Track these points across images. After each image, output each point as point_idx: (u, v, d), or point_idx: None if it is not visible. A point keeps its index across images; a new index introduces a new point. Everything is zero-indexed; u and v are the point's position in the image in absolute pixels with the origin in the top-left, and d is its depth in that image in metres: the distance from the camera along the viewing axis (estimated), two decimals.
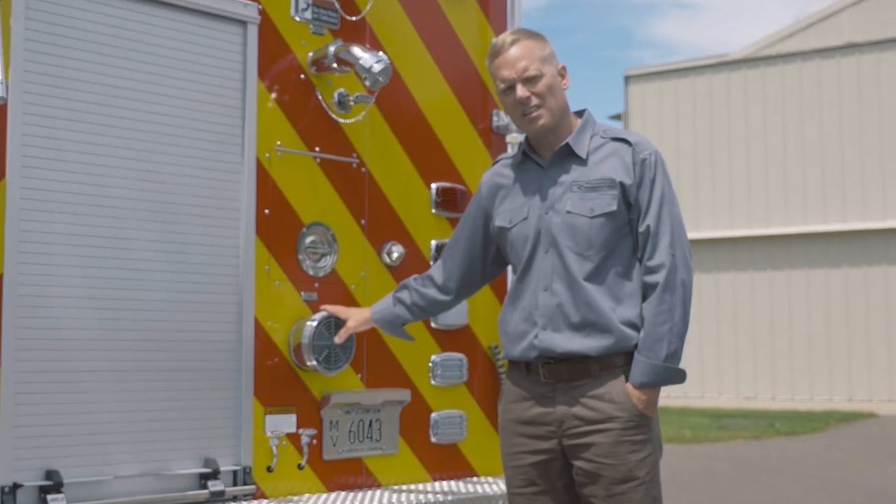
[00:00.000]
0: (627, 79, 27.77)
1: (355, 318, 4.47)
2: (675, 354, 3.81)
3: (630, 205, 3.89)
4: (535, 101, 3.95)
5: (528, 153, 4.07)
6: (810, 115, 25.20)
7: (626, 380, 3.82)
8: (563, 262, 3.87)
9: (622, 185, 3.88)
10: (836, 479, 12.57)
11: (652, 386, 3.80)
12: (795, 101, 25.37)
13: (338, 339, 4.54)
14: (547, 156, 4.02)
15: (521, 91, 3.95)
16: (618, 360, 3.84)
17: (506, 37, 4.05)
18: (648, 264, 3.84)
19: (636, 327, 3.83)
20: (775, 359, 25.24)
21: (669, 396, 25.01)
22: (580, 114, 4.09)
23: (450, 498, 4.71)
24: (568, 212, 3.89)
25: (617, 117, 29.72)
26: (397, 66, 4.94)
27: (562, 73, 4.04)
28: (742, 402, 24.68)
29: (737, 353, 25.63)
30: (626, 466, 3.79)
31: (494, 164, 4.28)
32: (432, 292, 4.28)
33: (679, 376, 3.84)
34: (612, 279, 3.86)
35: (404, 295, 4.33)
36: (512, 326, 3.98)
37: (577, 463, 3.85)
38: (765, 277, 25.52)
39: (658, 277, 3.82)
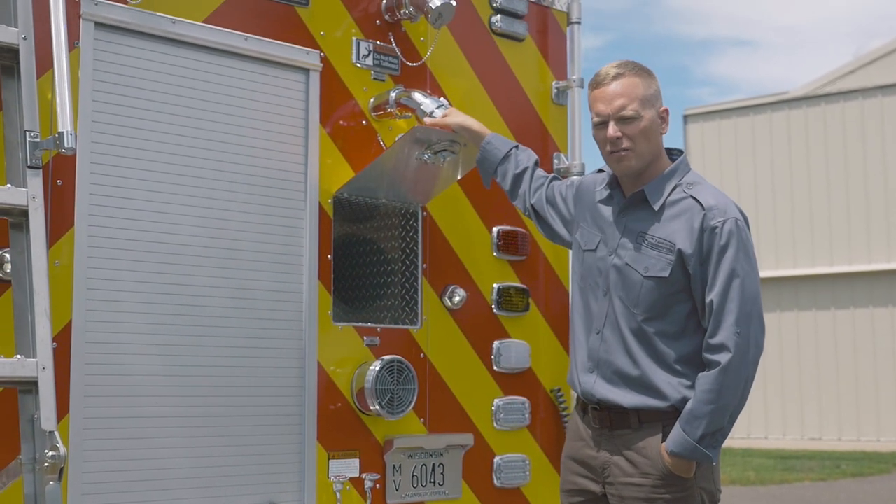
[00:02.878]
0: (686, 118, 27.66)
1: (468, 123, 4.49)
2: (713, 436, 3.70)
3: (689, 273, 3.76)
4: (626, 143, 3.84)
5: (612, 185, 4.02)
6: (872, 153, 24.94)
7: (663, 439, 3.78)
8: (614, 311, 3.85)
9: (681, 252, 3.75)
10: None
11: (681, 458, 3.73)
12: (857, 139, 25.12)
13: (428, 121, 4.51)
14: (627, 194, 3.96)
15: (612, 130, 3.85)
16: (658, 416, 3.79)
17: (610, 68, 3.92)
18: (710, 342, 3.72)
19: (679, 391, 3.77)
20: (841, 399, 24.86)
21: (733, 438, 24.66)
22: (679, 153, 3.99)
23: None
24: (626, 263, 3.84)
25: None
26: (458, 109, 4.95)
27: (663, 116, 3.90)
28: (807, 444, 24.31)
29: (801, 393, 25.28)
30: None
31: (598, 171, 4.21)
32: (525, 185, 4.37)
33: (706, 459, 3.73)
34: (660, 340, 3.79)
35: (522, 159, 4.39)
36: (576, 362, 3.99)
37: None
38: (829, 316, 25.20)
39: (718, 358, 3.68)
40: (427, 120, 4.51)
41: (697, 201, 3.79)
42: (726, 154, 26.62)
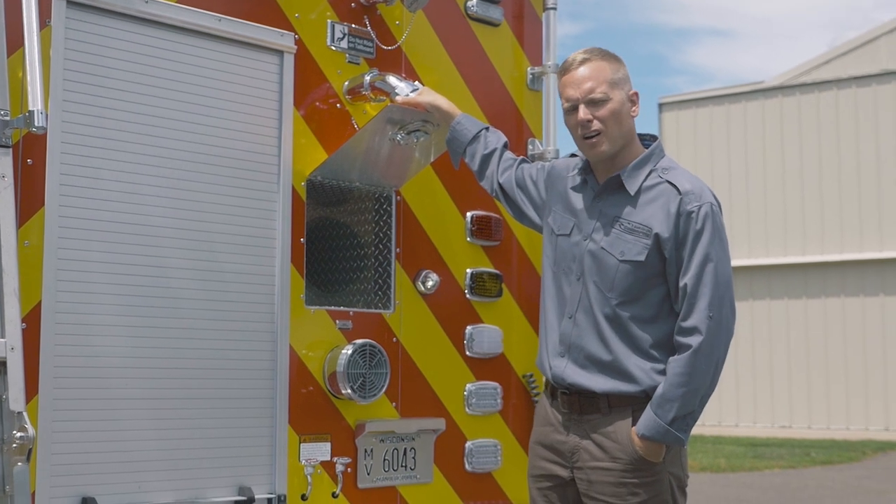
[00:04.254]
0: (661, 106, 27.72)
1: (439, 102, 4.48)
2: (684, 419, 3.72)
3: (665, 257, 3.77)
4: (596, 125, 3.87)
5: (585, 171, 4.03)
6: (846, 143, 25.06)
7: (633, 424, 3.79)
8: (588, 295, 3.85)
9: (658, 236, 3.76)
10: None
11: (652, 441, 3.74)
12: (831, 129, 25.24)
13: (400, 98, 4.50)
14: (601, 180, 3.96)
15: (582, 113, 3.87)
16: (628, 401, 3.80)
17: (578, 54, 3.95)
18: (683, 325, 3.73)
19: (650, 377, 3.77)
20: (811, 387, 25.03)
21: (704, 425, 24.81)
22: (652, 138, 4.00)
23: None
24: (602, 248, 3.85)
25: None
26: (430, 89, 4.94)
27: (633, 98, 3.92)
28: (777, 431, 24.47)
29: (772, 381, 25.43)
30: None
31: (571, 155, 4.21)
32: (493, 166, 4.37)
33: (678, 442, 3.75)
34: (633, 324, 3.80)
35: (491, 140, 4.39)
36: (546, 346, 3.99)
37: (584, 497, 3.88)
38: (800, 305, 25.34)
39: (690, 341, 3.70)
40: (399, 99, 4.50)
41: (674, 186, 3.81)
42: (701, 143, 26.71)
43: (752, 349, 25.50)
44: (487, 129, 4.44)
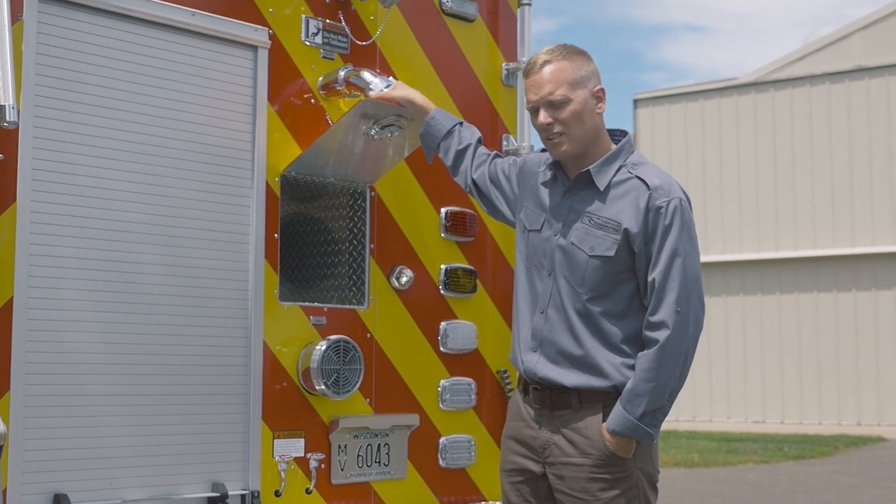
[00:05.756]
0: (636, 102, 27.79)
1: (413, 96, 4.49)
2: (654, 414, 3.72)
3: (634, 252, 3.78)
4: (557, 127, 3.87)
5: (555, 167, 4.04)
6: (820, 139, 25.19)
7: (604, 419, 3.81)
8: (559, 291, 3.87)
9: (627, 231, 3.77)
10: (844, 503, 12.50)
11: (622, 436, 3.75)
12: (805, 125, 25.37)
13: (374, 93, 4.50)
14: (571, 175, 3.97)
15: (542, 116, 3.89)
16: (599, 396, 3.80)
17: (540, 55, 3.94)
18: (650, 319, 3.74)
19: (621, 372, 3.78)
20: (784, 383, 25.16)
21: (678, 420, 24.92)
22: (623, 134, 4.00)
23: None
24: (572, 243, 3.86)
25: None
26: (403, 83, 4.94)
27: (598, 95, 3.89)
28: (751, 426, 24.58)
29: (746, 376, 25.54)
30: (597, 503, 3.78)
31: (542, 150, 4.19)
32: (467, 161, 4.36)
33: (647, 437, 3.76)
34: (604, 320, 3.81)
35: (465, 135, 4.39)
36: (519, 341, 4.00)
37: (555, 492, 3.89)
38: (773, 301, 25.47)
39: (658, 336, 3.71)
40: (372, 93, 4.49)
41: (643, 181, 3.81)
42: (675, 139, 26.80)
43: (726, 345, 25.62)
44: (461, 123, 4.44)
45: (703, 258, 25.40)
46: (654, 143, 26.96)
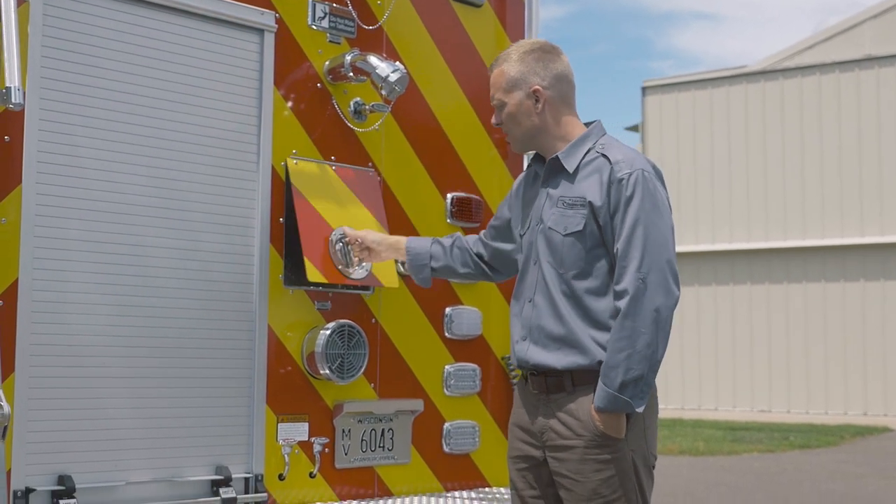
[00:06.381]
0: (645, 90, 27.73)
1: (384, 242, 4.48)
2: (635, 384, 3.70)
3: (600, 226, 3.82)
4: (504, 128, 4.04)
5: (532, 162, 4.10)
6: (829, 128, 25.13)
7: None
8: (543, 277, 3.90)
9: (591, 205, 3.82)
10: (850, 493, 12.50)
11: (607, 412, 3.75)
12: (814, 114, 25.30)
13: (356, 258, 4.53)
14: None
15: (493, 118, 4.07)
16: (590, 377, 3.80)
17: (498, 56, 4.09)
18: (616, 288, 3.76)
19: (605, 349, 3.79)
20: (790, 372, 25.15)
21: (684, 409, 24.95)
22: (590, 125, 4.05)
23: None
24: (549, 227, 3.90)
25: (634, 128, 29.70)
26: (413, 75, 4.94)
27: (536, 94, 3.94)
28: (756, 416, 24.58)
29: (752, 365, 25.54)
30: (591, 484, 3.78)
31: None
32: (482, 265, 4.36)
33: (628, 408, 3.73)
34: (587, 298, 3.83)
35: (445, 242, 4.38)
36: (512, 334, 4.05)
37: (554, 475, 3.89)
38: (781, 290, 25.44)
39: (621, 304, 3.71)
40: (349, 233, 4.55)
41: (606, 157, 3.88)
42: (683, 127, 26.74)
43: (733, 333, 25.61)
44: (436, 240, 4.45)
45: (711, 247, 25.50)
46: (662, 130, 26.91)
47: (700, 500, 11.90)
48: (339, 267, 4.59)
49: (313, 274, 4.49)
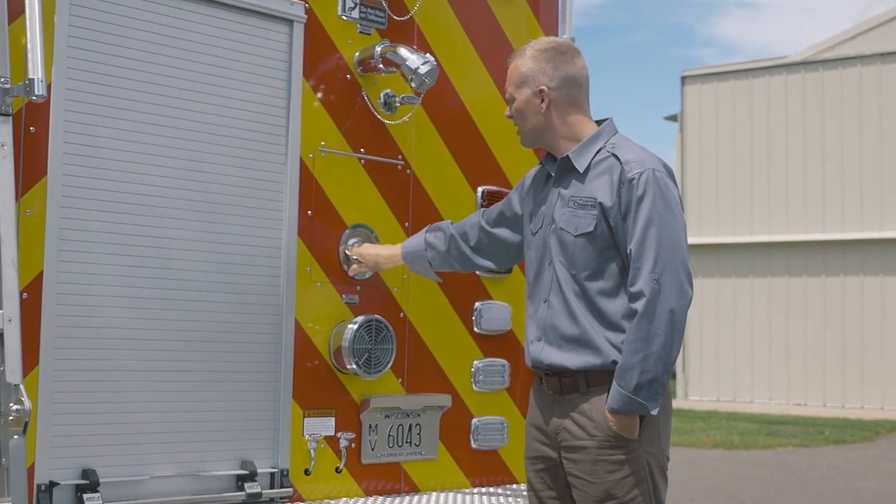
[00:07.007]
0: (684, 79, 27.49)
1: (381, 256, 4.50)
2: (650, 386, 3.67)
3: (611, 226, 3.79)
4: (514, 122, 4.05)
5: (545, 161, 4.09)
6: (869, 120, 24.84)
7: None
8: (557, 277, 3.88)
9: (601, 205, 3.79)
10: (883, 491, 12.36)
11: (621, 413, 3.71)
12: (854, 106, 25.01)
13: (350, 271, 4.56)
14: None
15: (506, 111, 4.08)
16: (604, 378, 3.77)
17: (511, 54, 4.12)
18: (630, 290, 3.73)
19: (620, 348, 3.75)
20: (827, 365, 24.91)
21: (719, 401, 24.77)
22: (602, 123, 4.01)
23: None
24: (561, 228, 3.87)
25: (673, 118, 29.49)
26: (445, 66, 4.89)
27: (541, 93, 3.93)
28: (792, 409, 24.37)
29: (788, 358, 25.33)
30: (604, 485, 3.76)
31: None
32: (467, 252, 4.35)
33: (643, 410, 3.70)
34: (599, 299, 3.80)
35: (437, 241, 4.38)
36: (528, 335, 4.03)
37: (568, 476, 3.87)
38: (818, 283, 25.20)
39: (637, 305, 3.68)
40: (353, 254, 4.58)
41: (616, 157, 3.84)
42: (723, 117, 26.50)
43: (770, 325, 25.41)
44: (427, 230, 4.46)
45: (749, 238, 25.31)
46: (701, 120, 26.70)
47: (732, 495, 11.80)
48: (345, 267, 4.59)
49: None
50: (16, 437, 3.25)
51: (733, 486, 12.46)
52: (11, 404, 3.26)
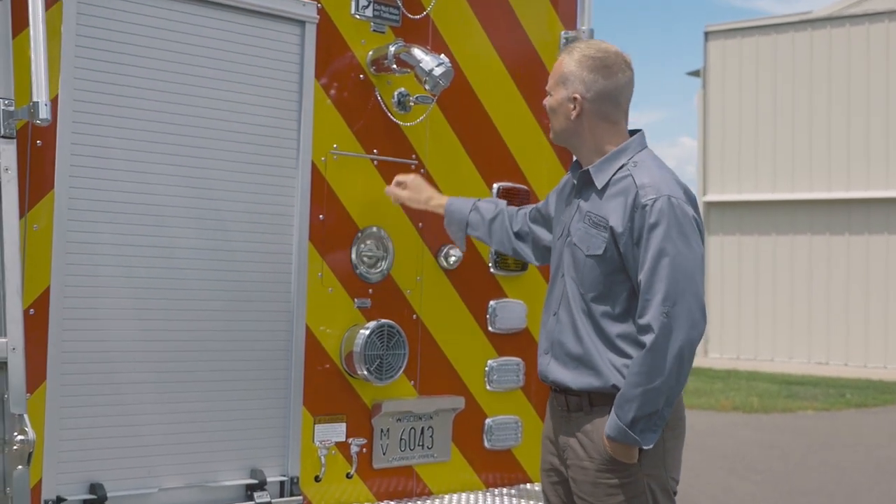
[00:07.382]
0: (707, 34, 27.19)
1: (427, 193, 4.51)
2: (648, 419, 3.60)
3: (621, 252, 3.70)
4: (548, 114, 3.97)
5: (572, 170, 4.02)
6: (895, 76, 24.53)
7: None
8: (567, 292, 3.83)
9: (612, 230, 3.70)
10: None
11: (616, 442, 3.65)
12: (881, 62, 24.69)
13: (387, 189, 4.55)
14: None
15: (545, 99, 3.99)
16: (607, 399, 3.71)
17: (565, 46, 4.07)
18: (639, 322, 3.63)
19: (622, 372, 3.69)
20: (849, 324, 24.81)
21: (739, 359, 24.73)
22: (633, 134, 3.92)
23: None
24: (574, 243, 3.81)
25: (696, 73, 29.20)
26: (461, 64, 4.80)
27: (574, 100, 3.84)
28: (813, 368, 24.29)
29: (810, 316, 25.22)
30: None
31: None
32: (510, 232, 4.35)
33: (638, 444, 3.63)
34: (604, 321, 3.74)
35: (490, 207, 4.38)
36: (539, 344, 4.01)
37: (574, 495, 3.85)
38: (842, 241, 25.03)
39: (645, 339, 3.59)
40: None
41: (633, 179, 3.73)
42: (746, 73, 26.22)
43: (791, 283, 25.29)
44: (479, 200, 4.45)
45: (770, 196, 25.11)
46: (724, 77, 26.42)
47: (751, 464, 11.78)
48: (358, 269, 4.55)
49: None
50: (20, 467, 3.22)
51: (754, 453, 12.42)
52: (16, 434, 3.22)
